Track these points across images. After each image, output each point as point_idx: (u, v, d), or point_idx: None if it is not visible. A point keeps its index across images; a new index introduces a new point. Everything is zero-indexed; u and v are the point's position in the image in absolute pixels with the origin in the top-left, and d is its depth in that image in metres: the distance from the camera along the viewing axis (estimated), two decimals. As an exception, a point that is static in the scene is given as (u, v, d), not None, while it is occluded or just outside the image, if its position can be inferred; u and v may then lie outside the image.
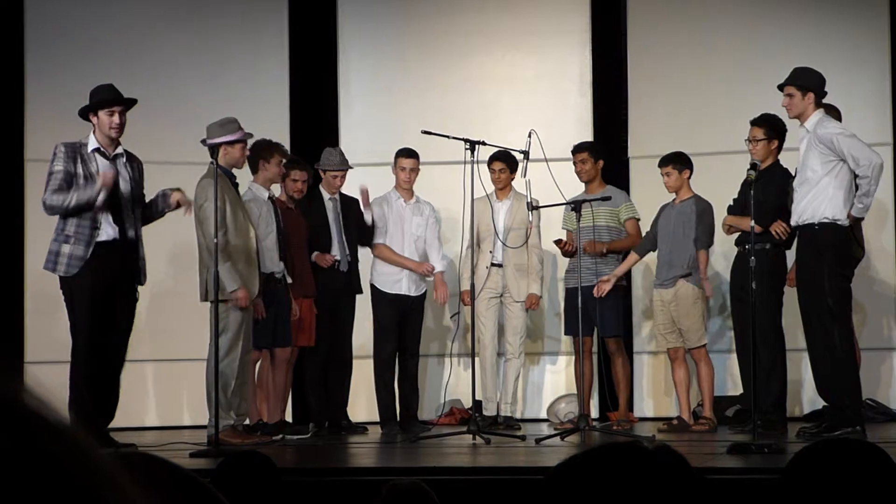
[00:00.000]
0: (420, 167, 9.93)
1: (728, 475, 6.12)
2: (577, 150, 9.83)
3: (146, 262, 7.97)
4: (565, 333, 10.13)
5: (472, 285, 9.16)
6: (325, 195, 9.72)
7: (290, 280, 9.05)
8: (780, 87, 8.18)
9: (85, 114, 7.84)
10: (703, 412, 9.44)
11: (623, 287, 9.82)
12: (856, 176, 7.94)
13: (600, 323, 9.49)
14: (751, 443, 7.14)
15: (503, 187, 9.92)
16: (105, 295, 7.62)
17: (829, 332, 7.81)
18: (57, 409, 1.03)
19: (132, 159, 7.97)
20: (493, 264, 9.88)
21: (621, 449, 1.66)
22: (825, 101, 8.26)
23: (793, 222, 8.21)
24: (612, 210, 9.71)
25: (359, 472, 6.93)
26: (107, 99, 7.78)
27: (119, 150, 7.87)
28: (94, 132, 7.80)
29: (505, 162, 9.75)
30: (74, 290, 7.65)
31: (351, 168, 9.78)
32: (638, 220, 9.84)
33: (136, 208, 7.83)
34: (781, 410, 8.91)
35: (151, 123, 10.36)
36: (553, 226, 10.04)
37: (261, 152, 8.95)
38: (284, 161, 9.08)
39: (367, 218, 9.74)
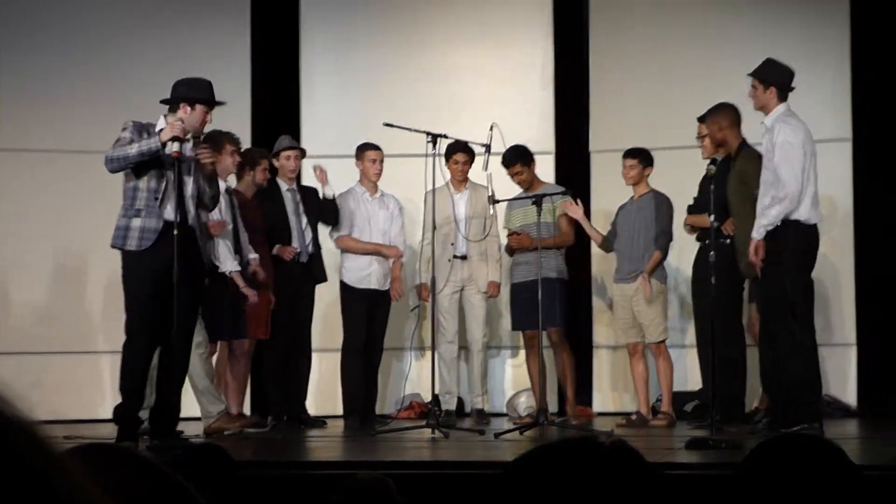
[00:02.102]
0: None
1: (686, 470, 6.14)
2: (509, 163, 9.59)
3: (208, 249, 7.85)
4: (513, 328, 10.08)
5: (434, 279, 9.15)
6: (283, 186, 9.71)
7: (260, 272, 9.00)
8: (750, 75, 8.16)
9: (166, 101, 7.73)
10: (661, 407, 9.47)
11: (564, 280, 9.70)
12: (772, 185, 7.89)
13: (540, 314, 9.42)
14: (709, 438, 7.16)
15: (463, 179, 9.92)
16: (163, 277, 7.40)
17: (791, 329, 7.82)
18: (11, 401, 1.03)
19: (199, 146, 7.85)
20: (455, 256, 9.86)
21: (577, 444, 1.65)
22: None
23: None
24: (548, 206, 9.55)
25: (318, 465, 6.91)
26: (192, 97, 7.63)
27: (187, 135, 7.66)
28: (165, 117, 7.69)
29: (467, 154, 9.74)
30: (134, 267, 7.50)
31: (300, 149, 9.78)
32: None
33: (197, 195, 7.68)
34: (740, 405, 8.94)
35: (110, 115, 10.30)
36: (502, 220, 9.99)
37: (213, 144, 8.90)
38: (236, 149, 9.02)
39: (329, 193, 9.72)
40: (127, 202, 7.54)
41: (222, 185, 8.87)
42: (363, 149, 9.90)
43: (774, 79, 8.04)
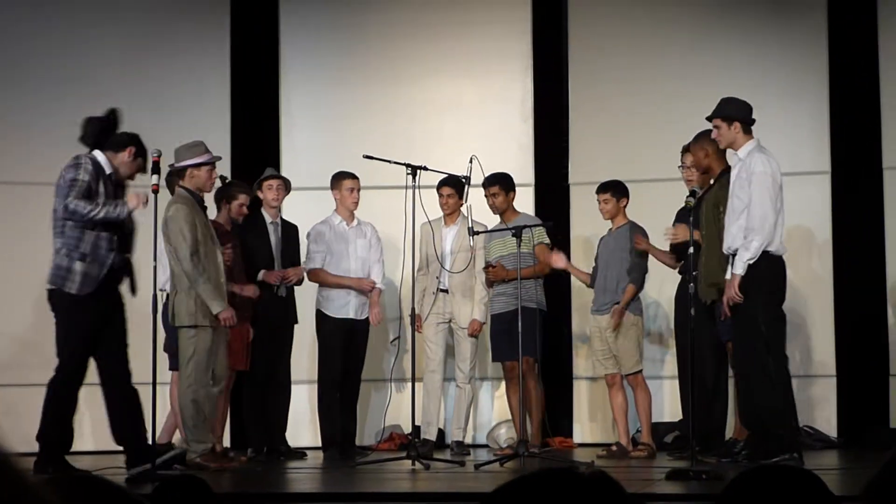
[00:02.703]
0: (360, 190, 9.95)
1: (666, 501, 6.14)
2: (488, 183, 9.64)
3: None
4: (493, 360, 10.05)
5: (413, 310, 9.14)
6: (268, 219, 9.71)
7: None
8: (709, 119, 8.19)
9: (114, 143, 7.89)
10: (641, 438, 9.46)
11: (542, 311, 9.66)
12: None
13: (521, 345, 9.41)
14: (689, 469, 7.16)
15: (451, 213, 9.88)
16: (99, 319, 7.64)
17: (764, 360, 7.81)
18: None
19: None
20: (439, 290, 9.84)
21: (557, 475, 1.65)
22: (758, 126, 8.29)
23: (725, 250, 8.17)
24: (526, 236, 9.31)
25: (297, 497, 6.89)
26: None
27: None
28: (104, 153, 7.79)
29: (453, 187, 9.72)
30: (72, 310, 7.59)
31: (282, 178, 9.77)
32: (548, 244, 9.74)
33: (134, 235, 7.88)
34: (721, 436, 8.94)
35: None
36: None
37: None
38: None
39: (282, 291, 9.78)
40: (70, 242, 7.63)
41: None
42: (339, 178, 9.87)
43: (736, 114, 8.07)
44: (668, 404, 10.33)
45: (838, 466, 8.47)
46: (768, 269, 7.85)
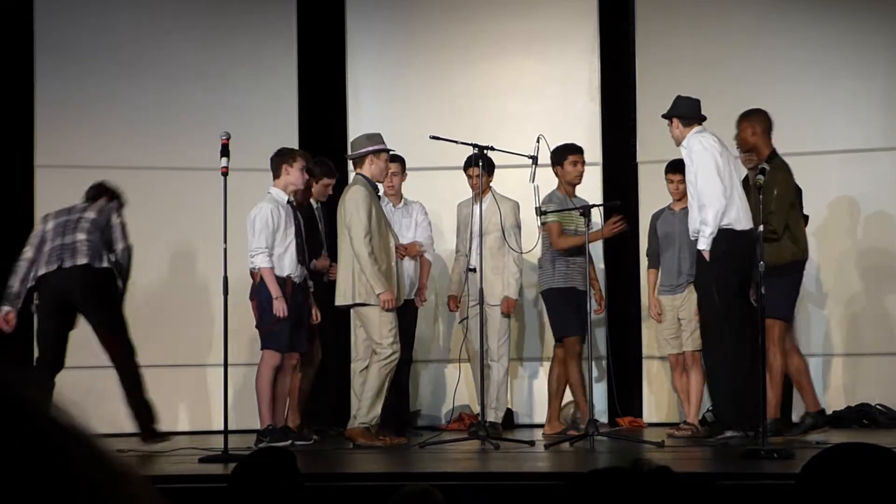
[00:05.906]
0: (422, 173, 9.95)
1: (738, 481, 6.11)
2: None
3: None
4: (558, 336, 9.68)
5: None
6: (314, 204, 9.63)
7: (310, 284, 9.06)
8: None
9: None
10: (688, 418, 9.34)
11: (576, 290, 9.48)
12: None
13: (553, 326, 9.45)
14: (761, 448, 7.12)
15: (479, 193, 9.63)
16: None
17: (720, 335, 7.99)
18: (70, 411, 1.05)
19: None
20: (468, 269, 9.59)
21: (619, 474, 1.64)
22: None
23: (690, 235, 8.47)
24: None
25: (367, 477, 6.92)
26: None
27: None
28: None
29: (477, 167, 9.51)
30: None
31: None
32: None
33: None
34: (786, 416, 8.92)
35: (159, 130, 10.39)
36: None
37: (285, 157, 8.93)
38: (307, 166, 9.02)
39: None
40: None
41: (284, 198, 8.86)
42: None
43: (676, 112, 8.60)
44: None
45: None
46: (725, 243, 8.05)
